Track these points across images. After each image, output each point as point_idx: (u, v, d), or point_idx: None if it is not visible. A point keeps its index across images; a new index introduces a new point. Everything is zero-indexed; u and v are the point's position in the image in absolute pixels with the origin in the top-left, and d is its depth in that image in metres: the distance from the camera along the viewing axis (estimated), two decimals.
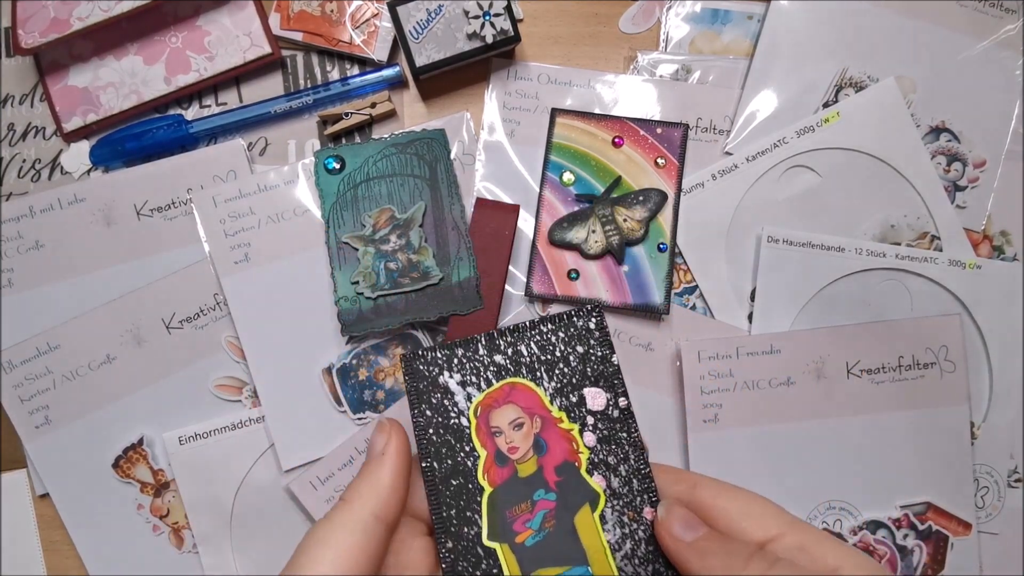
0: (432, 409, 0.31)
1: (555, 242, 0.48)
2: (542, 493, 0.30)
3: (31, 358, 0.47)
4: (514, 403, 0.31)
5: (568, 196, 0.48)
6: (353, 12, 0.49)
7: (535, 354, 0.31)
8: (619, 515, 0.30)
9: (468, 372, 0.31)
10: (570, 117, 0.49)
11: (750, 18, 0.51)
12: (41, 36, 0.46)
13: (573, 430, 0.30)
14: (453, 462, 0.30)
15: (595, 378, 0.31)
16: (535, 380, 0.31)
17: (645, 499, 0.30)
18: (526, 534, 0.29)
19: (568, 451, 0.30)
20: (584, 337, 0.31)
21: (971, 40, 0.50)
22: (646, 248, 0.48)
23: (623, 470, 0.30)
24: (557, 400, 0.31)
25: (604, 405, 0.31)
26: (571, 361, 0.31)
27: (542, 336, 0.31)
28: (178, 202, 0.49)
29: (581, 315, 0.32)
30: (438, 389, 0.31)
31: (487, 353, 0.31)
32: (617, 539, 0.29)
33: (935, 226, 0.49)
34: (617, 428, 0.30)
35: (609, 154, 0.48)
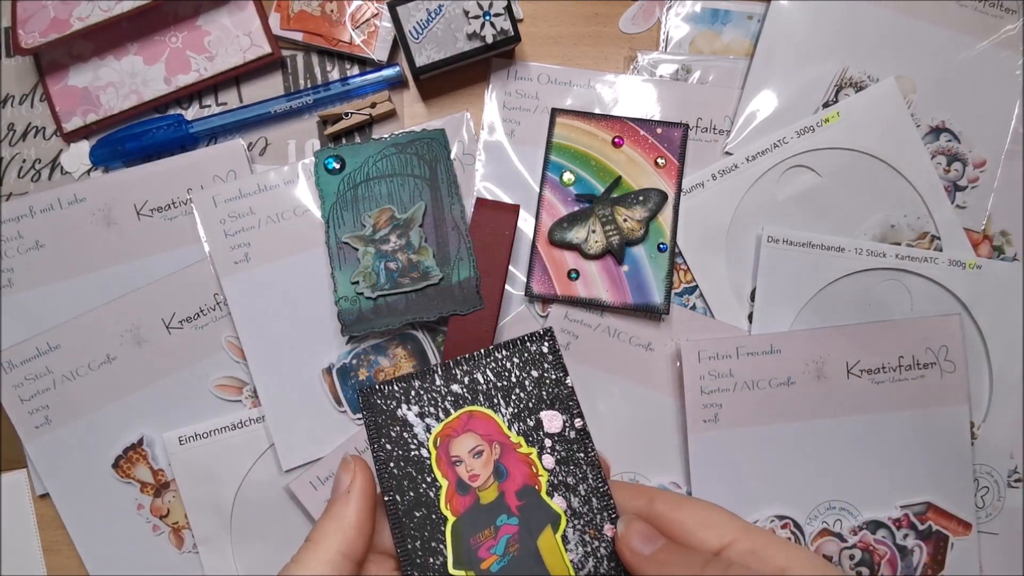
0: (392, 443, 0.31)
1: (555, 242, 0.48)
2: (504, 518, 0.30)
3: (31, 358, 0.47)
4: (472, 431, 0.31)
5: (568, 196, 0.48)
6: (353, 12, 0.49)
7: (491, 381, 0.32)
8: (580, 534, 0.30)
9: (426, 403, 0.31)
10: (570, 117, 0.49)
11: (750, 18, 0.51)
12: (41, 36, 0.46)
13: (532, 454, 0.31)
14: (415, 494, 0.30)
15: (551, 401, 0.31)
16: (492, 407, 0.31)
17: (605, 516, 0.30)
18: (491, 560, 0.30)
19: (528, 475, 0.31)
20: (538, 361, 0.32)
21: (971, 40, 0.50)
22: (646, 248, 0.48)
23: (582, 489, 0.31)
24: (515, 425, 0.31)
25: (561, 427, 0.31)
26: (527, 386, 0.32)
27: (497, 363, 0.32)
28: (178, 202, 0.49)
29: (534, 340, 0.32)
30: (396, 422, 0.31)
31: (444, 383, 0.32)
32: (580, 558, 0.30)
33: (935, 226, 0.49)
34: (574, 449, 0.31)
35: (609, 154, 0.48)
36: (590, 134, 0.49)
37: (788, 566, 0.28)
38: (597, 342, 0.48)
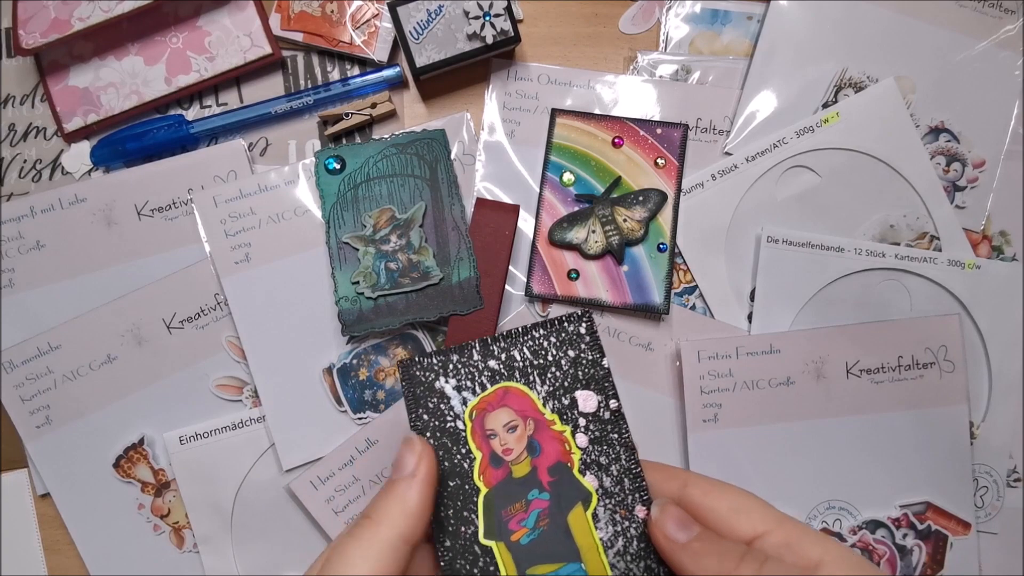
0: (429, 413, 0.31)
1: (555, 242, 0.48)
2: (536, 493, 0.30)
3: (32, 358, 0.47)
4: (508, 406, 0.31)
5: (568, 196, 0.48)
6: (353, 12, 0.49)
7: (528, 359, 0.32)
8: (611, 513, 0.30)
9: (463, 377, 0.32)
10: (570, 117, 0.49)
11: (750, 18, 0.51)
12: (42, 36, 0.46)
13: (565, 432, 0.31)
14: (450, 464, 0.31)
15: (586, 381, 0.32)
16: (528, 384, 0.32)
17: (636, 498, 0.31)
18: (521, 532, 0.30)
19: (561, 452, 0.31)
20: (575, 342, 0.32)
21: (971, 40, 0.50)
22: (646, 248, 0.48)
23: (615, 470, 0.31)
24: (550, 403, 0.32)
25: (595, 407, 0.32)
26: (563, 365, 0.32)
27: (535, 341, 0.32)
28: (179, 202, 0.49)
29: (572, 320, 0.33)
30: (434, 394, 0.31)
31: (481, 359, 0.32)
32: (610, 536, 0.30)
33: (934, 226, 0.49)
34: (608, 429, 0.31)
35: (609, 154, 0.48)
36: (590, 134, 0.49)
37: (822, 561, 0.27)
38: None
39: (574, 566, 0.30)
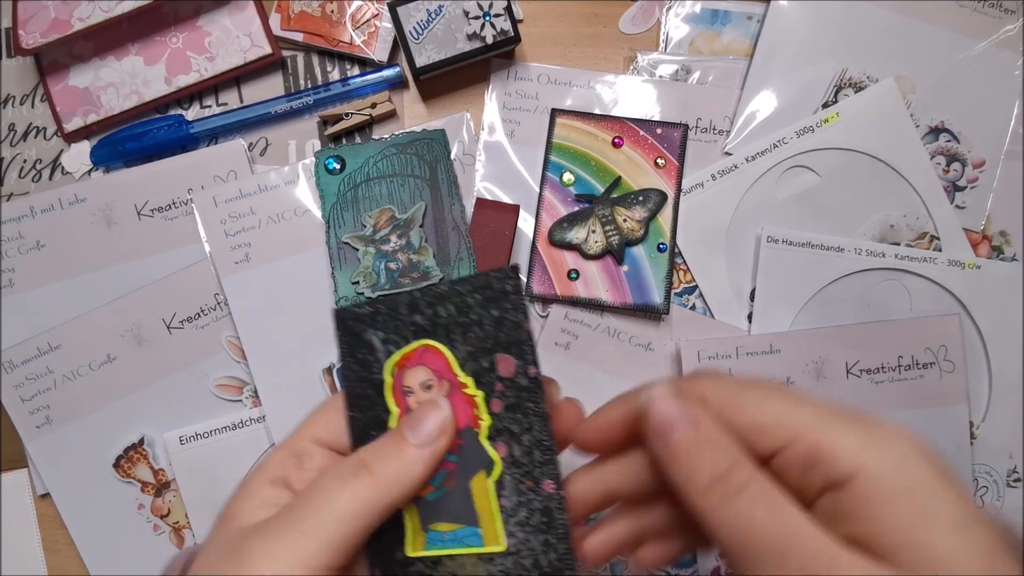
0: (358, 364, 0.31)
1: (555, 242, 0.48)
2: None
3: (32, 358, 0.47)
4: (425, 365, 0.31)
5: (568, 196, 0.48)
6: (353, 12, 0.49)
7: (453, 315, 0.31)
8: (517, 483, 0.30)
9: (390, 331, 0.31)
10: (570, 117, 0.49)
11: (750, 18, 0.51)
12: (42, 36, 0.46)
13: (477, 396, 0.30)
14: (373, 414, 0.31)
15: (507, 344, 0.30)
16: (450, 342, 0.31)
17: (544, 471, 0.30)
18: (428, 489, 0.30)
19: (470, 416, 0.30)
20: (499, 301, 0.30)
21: (971, 40, 0.50)
22: (646, 248, 0.48)
23: (526, 440, 0.30)
24: (469, 364, 0.31)
25: (513, 372, 0.30)
26: (485, 325, 0.30)
27: (459, 297, 0.31)
28: (179, 202, 0.49)
29: (499, 277, 0.31)
30: (363, 345, 0.31)
31: (408, 312, 0.31)
32: (513, 505, 0.30)
33: (934, 226, 0.49)
34: (524, 397, 0.30)
35: (609, 154, 0.48)
36: (590, 134, 0.49)
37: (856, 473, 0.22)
38: (597, 342, 0.48)
39: (471, 529, 0.30)
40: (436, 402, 0.29)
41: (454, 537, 0.30)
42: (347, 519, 0.26)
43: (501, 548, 0.30)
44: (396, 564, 0.30)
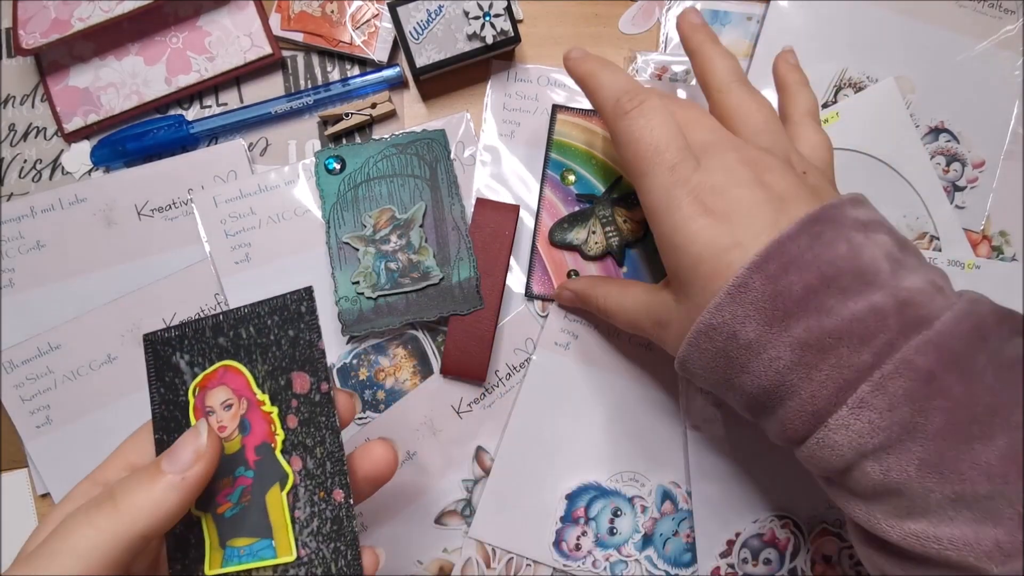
0: (165, 387, 0.32)
1: (555, 243, 0.48)
2: (242, 470, 0.31)
3: (32, 358, 0.47)
4: (226, 385, 0.32)
5: (569, 195, 0.48)
6: (353, 13, 0.49)
7: (253, 337, 0.32)
8: (311, 494, 0.31)
9: (196, 353, 0.32)
10: (571, 114, 0.49)
11: (749, 19, 0.51)
12: (42, 36, 0.46)
13: (273, 413, 0.32)
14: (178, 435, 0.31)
15: (302, 362, 0.32)
16: (250, 362, 0.32)
17: (336, 481, 0.31)
18: (226, 507, 0.31)
19: (267, 432, 0.32)
20: (295, 321, 0.32)
21: (971, 40, 0.50)
22: (646, 250, 0.48)
23: (319, 452, 0.31)
24: (268, 382, 0.32)
25: (307, 388, 0.32)
26: (283, 345, 0.32)
27: (259, 319, 0.33)
28: (179, 202, 0.49)
29: (294, 299, 0.33)
30: (171, 368, 0.32)
31: (212, 335, 0.32)
32: (307, 516, 0.31)
33: (934, 226, 0.49)
34: (317, 412, 0.32)
35: (610, 152, 0.48)
36: (591, 132, 0.48)
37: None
38: (597, 342, 0.48)
39: (266, 542, 0.31)
40: (196, 428, 0.29)
41: (250, 551, 0.31)
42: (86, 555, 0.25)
43: (291, 558, 0.31)
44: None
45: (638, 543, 0.47)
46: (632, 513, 0.47)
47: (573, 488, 0.47)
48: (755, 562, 0.47)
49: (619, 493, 0.47)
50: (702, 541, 0.47)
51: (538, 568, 0.47)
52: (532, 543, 0.47)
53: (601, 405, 0.47)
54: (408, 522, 0.47)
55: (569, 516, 0.47)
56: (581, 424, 0.47)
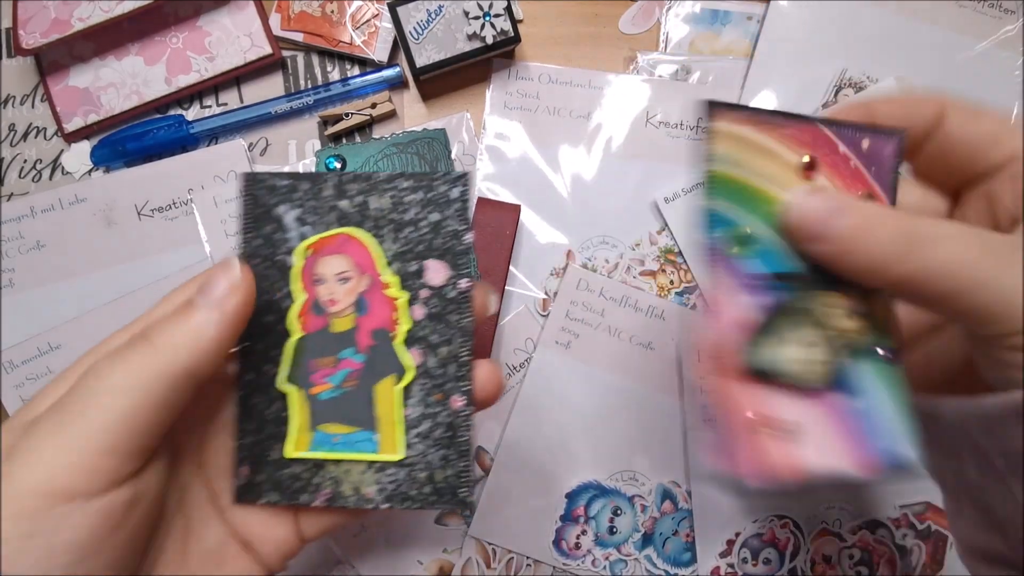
0: (263, 238, 0.29)
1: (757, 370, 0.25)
2: (350, 353, 0.29)
3: (32, 358, 0.47)
4: (346, 255, 0.29)
5: (742, 276, 0.26)
6: (353, 13, 0.49)
7: (385, 210, 0.29)
8: (426, 394, 0.29)
9: (308, 211, 0.29)
10: (737, 120, 0.26)
11: (749, 19, 0.51)
12: (42, 36, 0.46)
13: (400, 299, 0.29)
14: (270, 298, 0.29)
15: (441, 252, 0.29)
16: (378, 237, 0.29)
17: (457, 387, 0.29)
18: (323, 388, 0.29)
19: (387, 319, 0.29)
20: (443, 205, 0.29)
21: (971, 40, 0.50)
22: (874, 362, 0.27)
23: (443, 351, 0.29)
24: (395, 264, 0.29)
25: (443, 281, 0.29)
26: (421, 227, 0.29)
27: (397, 192, 0.29)
28: (179, 202, 0.49)
29: (446, 180, 0.29)
30: (272, 220, 0.29)
31: (333, 195, 0.29)
32: (417, 416, 0.29)
33: None
34: (450, 309, 0.29)
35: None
36: (769, 154, 0.26)
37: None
38: (597, 342, 0.48)
39: (367, 434, 0.29)
40: (226, 262, 0.26)
41: (346, 440, 0.29)
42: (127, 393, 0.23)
43: (398, 457, 0.28)
44: (269, 463, 0.28)
45: (638, 542, 0.47)
46: (632, 512, 0.47)
47: (573, 487, 0.47)
48: (755, 562, 0.47)
49: (619, 492, 0.47)
50: (702, 541, 0.47)
51: (538, 567, 0.47)
52: (532, 542, 0.47)
53: (601, 405, 0.47)
54: (408, 522, 0.47)
55: (569, 515, 0.47)
56: (581, 424, 0.47)
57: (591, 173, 0.49)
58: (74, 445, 0.22)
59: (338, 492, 0.28)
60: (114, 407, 0.22)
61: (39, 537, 0.21)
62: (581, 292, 0.48)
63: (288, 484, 0.28)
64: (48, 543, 0.21)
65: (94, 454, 0.22)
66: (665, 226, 0.49)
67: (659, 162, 0.49)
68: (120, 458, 0.23)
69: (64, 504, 0.22)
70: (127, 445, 0.23)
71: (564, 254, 0.49)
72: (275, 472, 0.28)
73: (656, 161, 0.49)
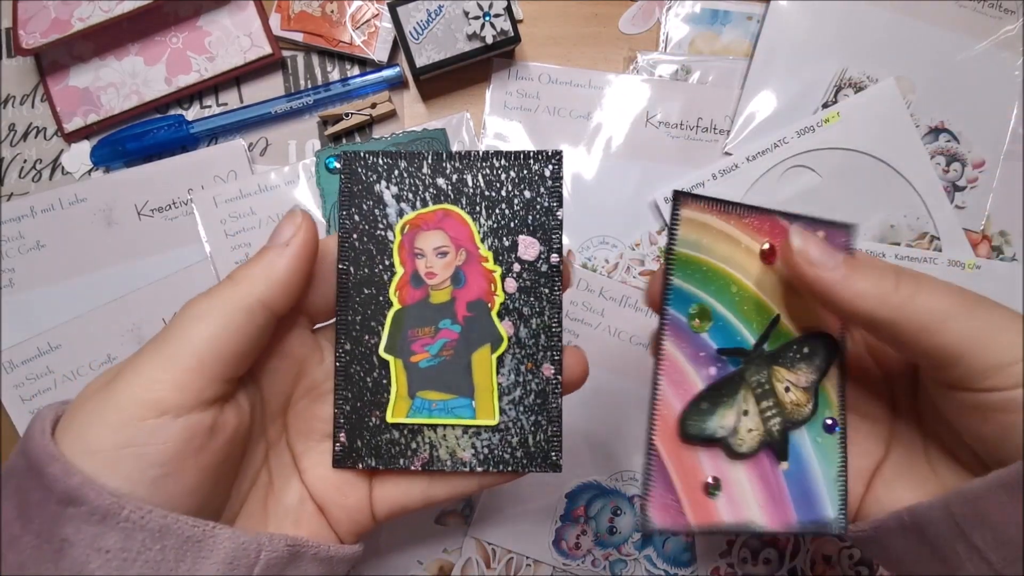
0: (361, 215, 0.30)
1: (691, 436, 0.29)
2: (448, 323, 0.30)
3: (32, 358, 0.47)
4: (443, 230, 0.30)
5: (702, 350, 0.29)
6: (353, 13, 0.49)
7: (480, 187, 0.30)
8: (518, 363, 0.30)
9: (406, 188, 0.30)
10: (701, 209, 0.29)
11: (750, 18, 0.51)
12: (42, 36, 0.46)
13: (496, 272, 0.30)
14: (369, 271, 0.30)
15: (534, 227, 0.30)
16: (472, 213, 0.30)
17: (547, 356, 0.30)
18: (422, 356, 0.30)
19: (485, 291, 0.30)
20: (535, 183, 0.30)
21: (971, 40, 0.50)
22: (811, 431, 0.30)
23: (535, 323, 0.30)
24: (489, 239, 0.30)
25: (535, 256, 0.30)
26: (514, 204, 0.30)
27: (491, 170, 0.30)
28: (179, 202, 0.49)
29: (538, 159, 0.30)
30: (372, 196, 0.30)
31: (431, 173, 0.30)
32: (510, 383, 0.30)
33: (934, 226, 0.49)
34: (541, 282, 0.30)
35: (757, 274, 0.30)
36: (730, 240, 0.29)
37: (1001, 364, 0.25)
38: (598, 342, 0.48)
39: (465, 400, 0.30)
40: (292, 211, 0.29)
41: (444, 407, 0.30)
42: (211, 320, 0.26)
43: (493, 422, 0.30)
44: (367, 429, 0.30)
45: (638, 542, 0.47)
46: (632, 512, 0.47)
47: (573, 487, 0.47)
48: (755, 562, 0.47)
49: (619, 492, 0.47)
50: (702, 541, 0.47)
51: (538, 567, 0.47)
52: (532, 542, 0.47)
53: (601, 405, 0.47)
54: (408, 522, 0.47)
55: (569, 515, 0.47)
56: (581, 424, 0.47)
57: (591, 173, 0.49)
58: (167, 363, 0.25)
59: (435, 456, 0.30)
60: (200, 331, 0.26)
61: (131, 447, 0.24)
62: (581, 292, 0.48)
63: (386, 449, 0.30)
64: (138, 454, 0.24)
65: (183, 371, 0.25)
66: (665, 226, 0.49)
67: (659, 162, 0.49)
68: (205, 379, 0.26)
69: (155, 418, 0.24)
70: (211, 368, 0.26)
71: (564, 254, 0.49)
72: (373, 438, 0.30)
73: (656, 161, 0.49)
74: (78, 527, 0.23)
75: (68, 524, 0.23)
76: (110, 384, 0.25)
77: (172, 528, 0.24)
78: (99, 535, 0.23)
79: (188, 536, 0.24)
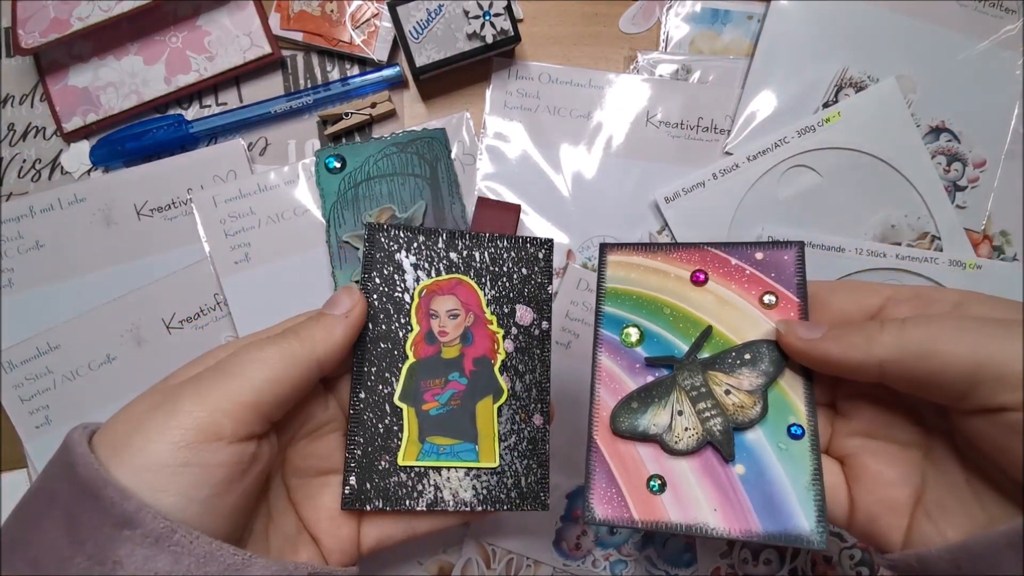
0: (381, 278, 0.34)
1: (622, 432, 0.32)
2: (456, 376, 0.34)
3: (31, 358, 0.47)
4: (456, 296, 0.35)
5: (635, 361, 0.33)
6: (353, 12, 0.49)
7: (486, 263, 0.35)
8: (513, 413, 0.34)
9: (423, 258, 0.35)
10: (626, 252, 0.34)
11: (750, 18, 0.51)
12: (41, 36, 0.46)
13: (499, 334, 0.35)
14: (387, 328, 0.34)
15: (529, 298, 0.35)
16: (479, 283, 0.35)
17: (537, 407, 0.35)
18: (432, 404, 0.34)
19: (489, 348, 0.35)
20: (530, 263, 0.36)
21: (971, 40, 0.50)
22: (769, 434, 0.31)
23: (528, 379, 0.35)
24: (492, 306, 0.35)
25: (530, 322, 0.35)
26: (514, 278, 0.35)
27: (496, 249, 0.35)
28: (178, 202, 0.49)
29: (534, 244, 0.36)
30: (392, 263, 0.34)
31: (445, 248, 0.35)
32: (506, 431, 0.34)
33: (935, 226, 0.49)
34: (534, 344, 0.35)
35: (690, 296, 0.33)
36: (658, 272, 0.34)
37: (962, 301, 0.28)
38: None
39: (469, 445, 0.34)
40: (348, 287, 0.33)
41: (450, 451, 0.33)
42: (273, 367, 0.29)
43: (495, 464, 0.34)
44: (376, 473, 0.33)
45: (638, 542, 0.47)
46: None
47: (573, 487, 0.47)
48: (755, 562, 0.47)
49: None
50: (702, 541, 0.46)
51: (538, 568, 0.47)
52: (532, 542, 0.46)
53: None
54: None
55: (569, 515, 0.47)
56: (581, 423, 0.47)
57: (591, 172, 0.49)
58: (230, 396, 0.28)
59: (439, 497, 0.33)
60: (263, 374, 0.29)
61: (191, 466, 0.26)
62: (581, 292, 0.48)
63: (394, 492, 0.33)
64: (195, 473, 0.26)
65: (242, 405, 0.28)
66: (665, 226, 0.49)
67: (659, 162, 0.49)
68: (258, 416, 0.28)
69: (214, 442, 0.27)
70: (265, 407, 0.28)
71: (564, 254, 0.49)
72: (382, 481, 0.33)
73: (656, 161, 0.49)
74: (131, 550, 0.24)
75: (122, 546, 0.24)
76: (164, 407, 0.27)
77: (216, 555, 0.26)
78: (150, 557, 0.24)
79: (229, 563, 0.26)
